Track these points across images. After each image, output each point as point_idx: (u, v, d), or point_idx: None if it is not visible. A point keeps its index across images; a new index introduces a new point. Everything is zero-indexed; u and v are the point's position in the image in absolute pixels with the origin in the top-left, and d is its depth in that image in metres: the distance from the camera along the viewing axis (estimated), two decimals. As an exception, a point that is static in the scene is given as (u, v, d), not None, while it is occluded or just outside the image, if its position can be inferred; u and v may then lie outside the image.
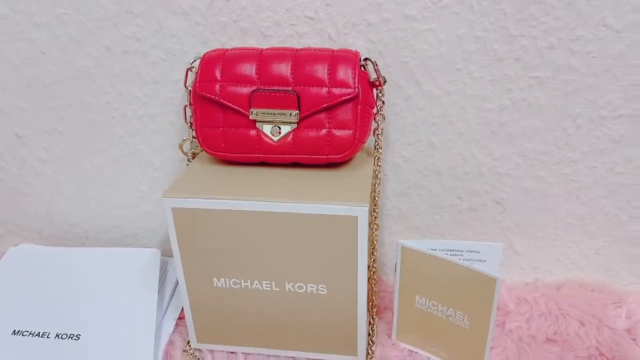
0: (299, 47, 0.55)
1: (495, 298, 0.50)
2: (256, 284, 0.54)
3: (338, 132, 0.52)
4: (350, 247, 0.50)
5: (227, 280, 0.54)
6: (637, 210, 0.61)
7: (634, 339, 0.58)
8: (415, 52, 0.56)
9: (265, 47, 0.55)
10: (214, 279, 0.54)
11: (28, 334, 0.59)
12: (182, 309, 0.64)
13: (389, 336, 0.61)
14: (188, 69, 0.56)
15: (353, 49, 0.56)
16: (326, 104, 0.51)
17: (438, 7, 0.53)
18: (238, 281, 0.54)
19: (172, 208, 0.51)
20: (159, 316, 0.62)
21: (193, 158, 0.60)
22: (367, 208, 0.48)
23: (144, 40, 0.59)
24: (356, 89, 0.51)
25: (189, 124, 0.58)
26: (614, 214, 0.62)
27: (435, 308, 0.55)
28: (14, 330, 0.60)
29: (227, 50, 0.54)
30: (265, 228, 0.51)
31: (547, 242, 0.65)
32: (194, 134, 0.59)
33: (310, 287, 0.53)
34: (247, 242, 0.52)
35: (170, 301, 0.65)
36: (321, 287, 0.53)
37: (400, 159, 0.62)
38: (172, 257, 0.70)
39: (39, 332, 0.59)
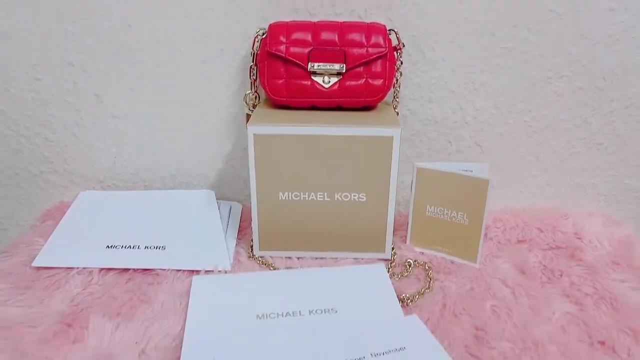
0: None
1: (487, 194, 0.70)
2: (312, 196, 0.71)
3: (372, 81, 0.72)
4: (387, 161, 0.69)
5: (289, 193, 0.71)
6: (575, 149, 0.85)
7: (579, 238, 0.81)
8: (421, 29, 0.77)
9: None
10: (280, 193, 0.71)
11: (121, 247, 0.73)
12: (238, 231, 0.80)
13: (404, 242, 0.79)
14: (255, 37, 0.74)
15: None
16: (365, 60, 0.71)
17: (438, -5, 0.75)
18: (298, 194, 0.71)
19: (254, 134, 0.68)
20: (224, 237, 0.77)
21: (253, 108, 0.77)
22: (400, 129, 0.67)
23: (217, 9, 0.76)
24: (386, 49, 0.71)
25: (252, 80, 0.76)
26: (560, 152, 0.85)
27: (442, 212, 0.75)
28: (108, 245, 0.73)
29: (288, 22, 0.73)
30: (322, 149, 0.68)
31: (514, 177, 0.87)
32: (255, 88, 0.76)
33: (354, 195, 0.71)
34: (308, 161, 0.69)
35: (227, 228, 0.81)
36: (362, 195, 0.71)
37: (407, 111, 0.82)
38: (223, 200, 0.87)
39: (130, 245, 0.73)
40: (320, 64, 0.71)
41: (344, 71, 0.71)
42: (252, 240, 0.75)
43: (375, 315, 0.61)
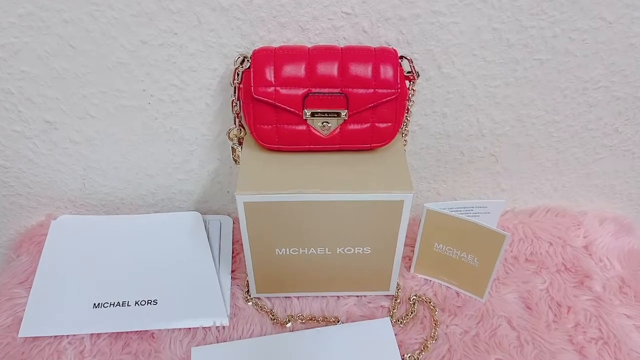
0: (336, 40, 0.60)
1: (503, 248, 0.65)
2: (312, 250, 0.65)
3: (380, 125, 0.60)
4: (396, 221, 0.61)
5: (287, 249, 0.65)
6: (599, 155, 0.76)
7: (589, 254, 0.77)
8: (440, 42, 0.62)
9: (305, 42, 0.60)
10: (276, 249, 0.65)
11: (109, 304, 0.68)
12: (232, 262, 0.75)
13: (408, 269, 0.76)
14: (236, 68, 0.59)
15: (384, 40, 0.62)
16: (372, 104, 0.58)
17: (463, 3, 0.59)
18: (297, 249, 0.65)
19: (244, 202, 0.59)
20: (217, 273, 0.72)
21: (239, 143, 0.65)
22: (412, 194, 0.59)
23: (182, 34, 0.60)
24: (398, 90, 0.58)
25: (235, 114, 0.63)
26: (582, 158, 0.77)
27: (451, 251, 0.70)
28: (95, 304, 0.68)
29: (276, 49, 0.58)
30: (325, 212, 0.60)
31: (527, 180, 0.80)
32: (240, 120, 0.64)
33: (357, 249, 0.65)
34: (307, 222, 0.61)
35: (220, 256, 0.75)
36: (366, 249, 0.65)
37: (416, 127, 0.71)
38: (209, 214, 0.80)
39: (119, 302, 0.68)
40: (317, 110, 0.59)
41: (346, 118, 0.59)
42: (247, 280, 0.70)
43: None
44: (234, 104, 0.62)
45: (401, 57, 0.59)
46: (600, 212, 0.83)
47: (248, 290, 0.71)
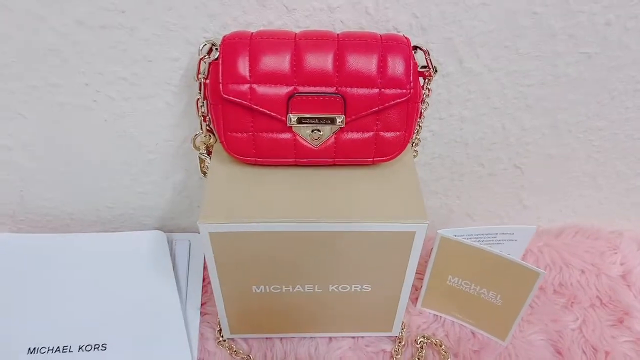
0: (332, 25, 0.47)
1: (535, 287, 0.52)
2: (298, 288, 0.52)
3: (386, 134, 0.47)
4: (404, 255, 0.49)
5: (267, 287, 0.52)
6: (644, 168, 0.64)
7: (628, 285, 0.65)
8: (463, 28, 0.49)
9: (292, 26, 0.46)
10: (253, 287, 0.52)
11: (47, 350, 0.55)
12: (202, 292, 0.62)
13: (414, 303, 0.63)
14: (200, 60, 0.45)
15: (393, 25, 0.48)
16: (377, 108, 0.45)
17: (497, -21, 0.46)
18: (279, 287, 0.52)
19: (209, 233, 0.45)
20: (182, 308, 0.59)
21: (208, 153, 0.52)
22: (426, 224, 0.46)
23: (131, 13, 0.46)
24: (410, 90, 0.45)
25: (201, 116, 0.50)
26: (623, 172, 0.64)
27: (468, 286, 0.57)
28: (30, 349, 0.55)
29: (252, 35, 0.44)
30: (314, 245, 0.47)
31: (556, 196, 0.67)
32: (207, 124, 0.51)
33: (355, 287, 0.52)
34: (291, 257, 0.48)
35: (187, 286, 0.62)
36: (366, 286, 0.52)
37: (428, 133, 0.58)
38: (176, 232, 0.67)
39: (58, 347, 0.55)
40: (306, 115, 0.45)
41: (343, 125, 0.46)
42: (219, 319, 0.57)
43: None
44: (199, 104, 0.49)
45: (415, 47, 0.46)
46: (638, 234, 0.71)
47: (220, 330, 0.59)
